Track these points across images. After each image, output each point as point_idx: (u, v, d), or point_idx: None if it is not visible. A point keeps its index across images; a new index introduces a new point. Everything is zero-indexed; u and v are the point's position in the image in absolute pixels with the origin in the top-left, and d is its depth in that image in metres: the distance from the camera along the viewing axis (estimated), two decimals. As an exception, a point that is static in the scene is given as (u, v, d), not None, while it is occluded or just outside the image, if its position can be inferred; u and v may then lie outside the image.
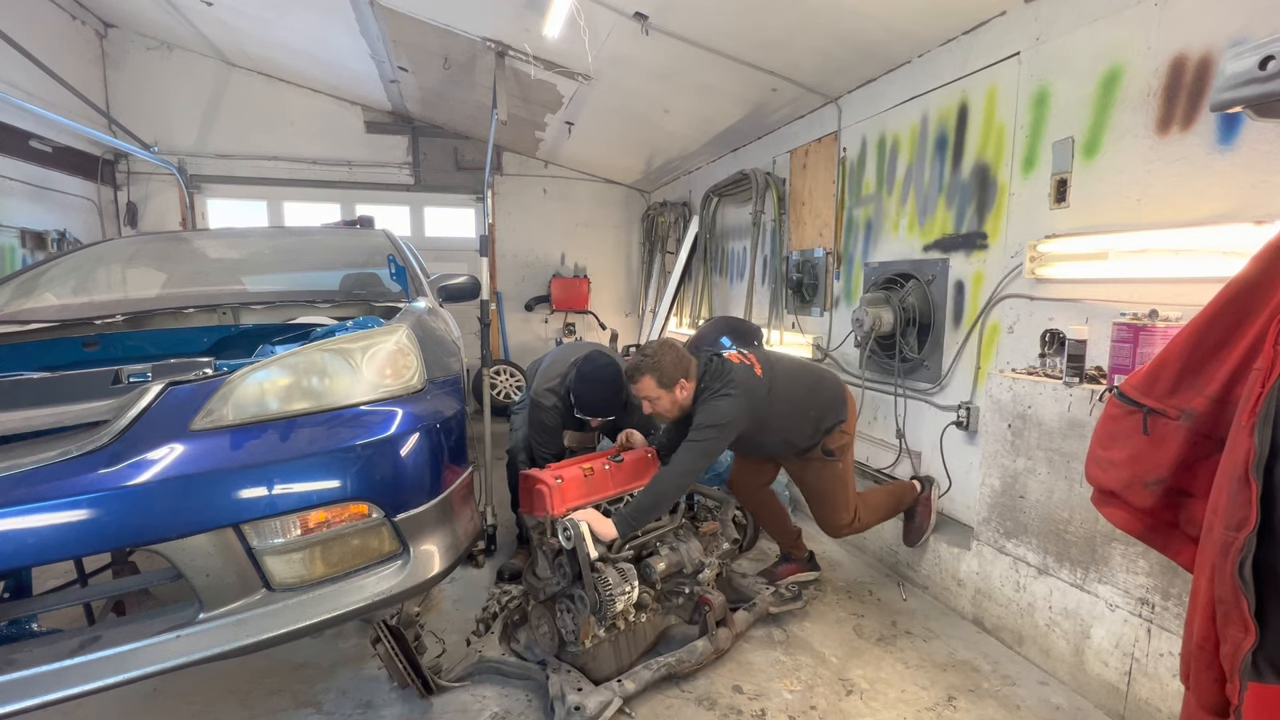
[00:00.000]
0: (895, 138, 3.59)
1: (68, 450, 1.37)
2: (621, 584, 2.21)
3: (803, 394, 2.65)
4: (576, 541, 2.20)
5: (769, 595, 2.74)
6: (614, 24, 3.88)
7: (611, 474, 2.64)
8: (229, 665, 2.08)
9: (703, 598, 2.46)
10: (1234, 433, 1.14)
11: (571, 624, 2.25)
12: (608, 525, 2.29)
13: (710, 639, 2.40)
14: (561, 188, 7.98)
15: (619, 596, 2.19)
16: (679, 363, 2.51)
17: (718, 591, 2.51)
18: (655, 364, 2.50)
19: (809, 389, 2.67)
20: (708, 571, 2.51)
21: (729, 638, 2.47)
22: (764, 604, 2.70)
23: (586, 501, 2.49)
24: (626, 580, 2.24)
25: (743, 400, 2.45)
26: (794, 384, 2.64)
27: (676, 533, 2.59)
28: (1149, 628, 2.02)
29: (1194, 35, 2.10)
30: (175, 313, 2.44)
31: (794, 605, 2.78)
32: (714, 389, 2.50)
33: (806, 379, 2.71)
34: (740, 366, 2.55)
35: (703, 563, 2.52)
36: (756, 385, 2.52)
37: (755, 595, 2.73)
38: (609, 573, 2.21)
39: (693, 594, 2.48)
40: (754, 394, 2.49)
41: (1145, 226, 2.25)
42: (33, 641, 1.42)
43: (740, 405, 2.45)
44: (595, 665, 2.25)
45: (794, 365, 2.79)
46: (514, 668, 2.32)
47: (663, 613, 2.52)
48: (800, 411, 2.63)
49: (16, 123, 5.03)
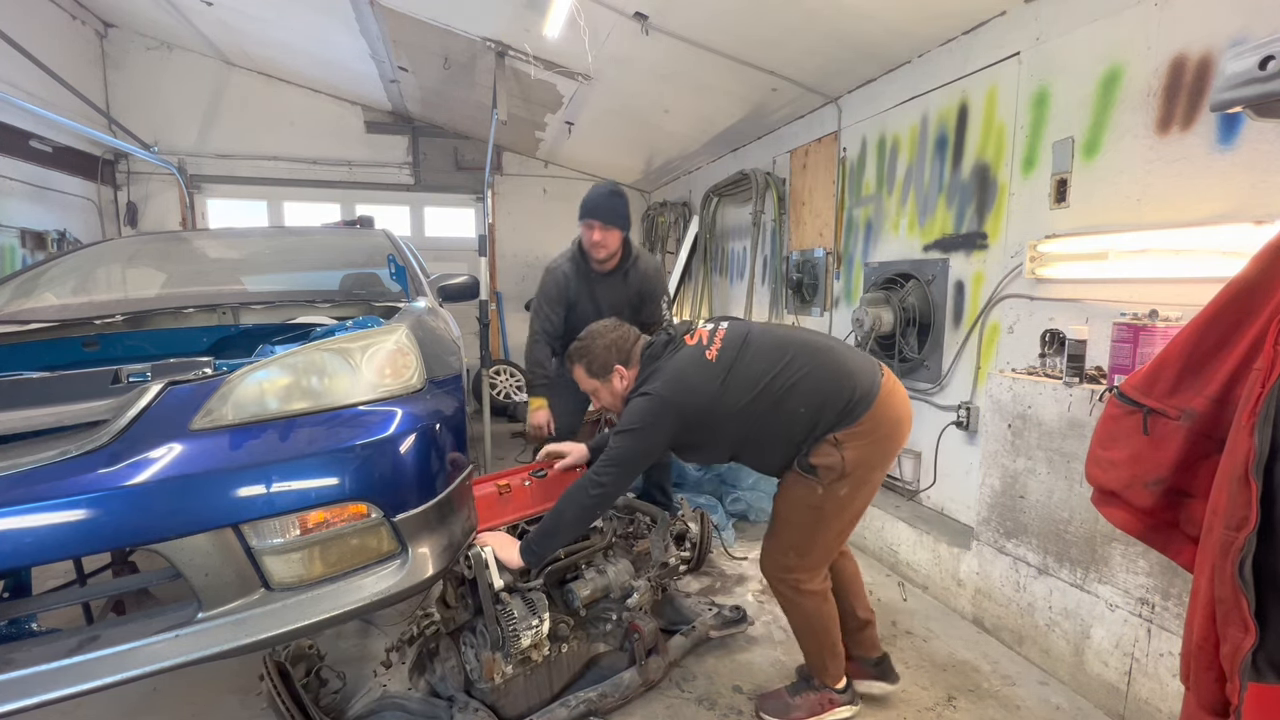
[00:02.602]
0: (895, 138, 3.59)
1: (67, 450, 1.37)
2: (529, 617, 1.97)
3: (785, 381, 1.89)
4: (477, 570, 1.96)
5: (710, 618, 2.55)
6: (614, 24, 3.88)
7: (532, 491, 2.38)
8: (229, 665, 2.08)
9: (632, 624, 2.23)
10: (1234, 433, 1.13)
11: (475, 659, 2.02)
12: (514, 552, 1.98)
13: (640, 670, 2.18)
14: (561, 188, 7.98)
15: (524, 632, 1.95)
16: (615, 346, 2.10)
17: (649, 617, 2.29)
18: (584, 349, 2.12)
19: (801, 372, 1.90)
20: (637, 596, 2.26)
21: (661, 667, 2.27)
22: (704, 628, 2.51)
23: (501, 522, 2.19)
24: (535, 613, 1.98)
25: (665, 399, 1.90)
26: (773, 365, 1.91)
27: (606, 553, 2.35)
28: (1149, 628, 2.02)
29: (1194, 35, 2.10)
30: (175, 313, 2.43)
31: (738, 629, 2.58)
32: (643, 378, 2.05)
33: (801, 357, 1.93)
34: (684, 351, 2.01)
35: (632, 586, 2.28)
36: (695, 375, 1.93)
37: (695, 618, 2.54)
38: (514, 605, 1.97)
39: (621, 620, 2.27)
40: (685, 388, 1.91)
41: (1145, 226, 2.25)
42: (31, 641, 1.42)
43: (659, 407, 1.90)
44: (508, 702, 2.03)
45: (784, 339, 2.01)
46: (418, 705, 2.06)
47: (588, 640, 2.29)
48: (777, 407, 1.89)
49: (16, 123, 5.04)
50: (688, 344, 2.02)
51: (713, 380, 1.92)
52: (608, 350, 2.10)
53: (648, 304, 3.25)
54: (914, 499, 3.44)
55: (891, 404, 1.92)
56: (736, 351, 1.96)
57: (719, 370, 1.93)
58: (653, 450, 1.98)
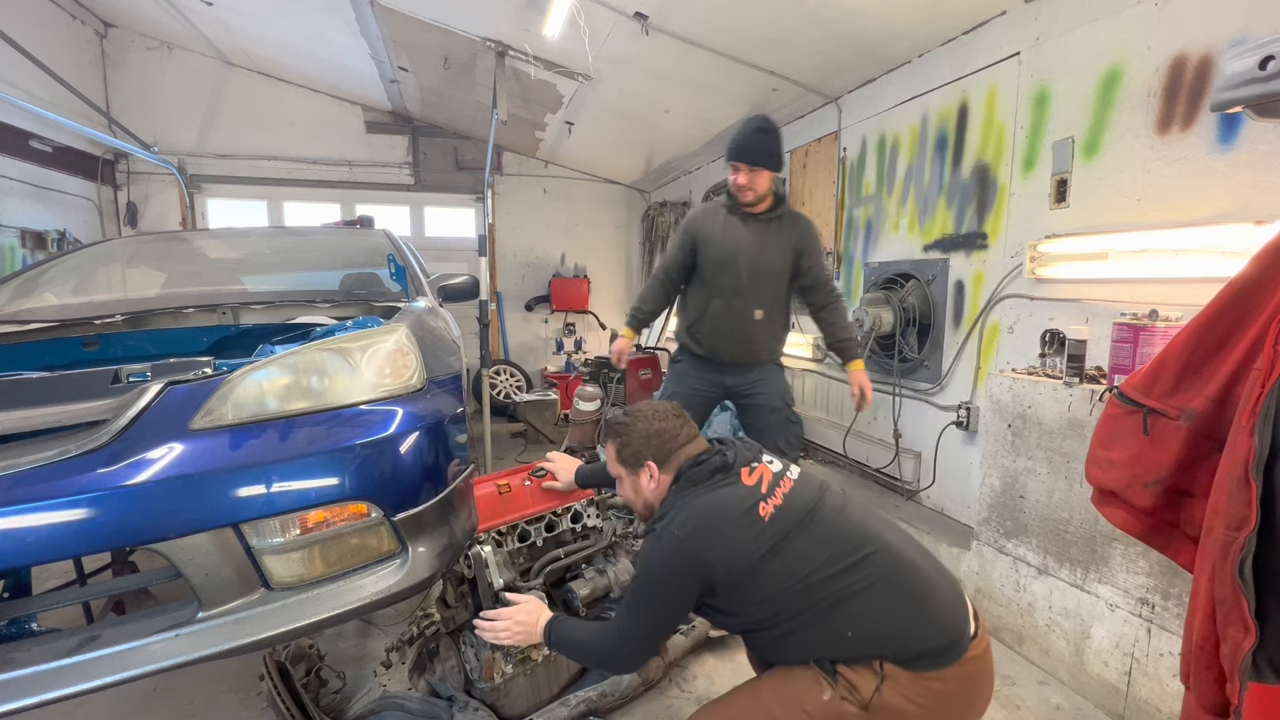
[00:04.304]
0: (895, 138, 3.59)
1: (66, 449, 1.36)
2: None
3: (846, 586, 1.41)
4: (477, 569, 1.96)
5: None
6: (614, 24, 3.88)
7: (531, 491, 2.34)
8: (229, 665, 2.08)
9: None
10: (1234, 433, 1.14)
11: (474, 659, 2.01)
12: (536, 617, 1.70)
13: (639, 669, 2.14)
14: (561, 188, 7.98)
15: None
16: (656, 439, 1.66)
17: None
18: (622, 428, 1.71)
19: (868, 581, 1.41)
20: None
21: (660, 667, 2.25)
22: (703, 628, 2.48)
23: (500, 522, 2.16)
24: None
25: (690, 550, 1.45)
26: (837, 558, 1.43)
27: (606, 553, 2.33)
28: (1149, 628, 2.02)
29: (1194, 35, 2.10)
30: (175, 312, 2.43)
31: None
32: (667, 507, 1.58)
33: (877, 562, 1.43)
34: (733, 490, 1.52)
35: None
36: (736, 531, 1.46)
37: (695, 618, 2.48)
38: None
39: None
40: (717, 541, 1.45)
41: (1145, 226, 2.25)
42: (31, 640, 1.42)
43: (681, 559, 1.46)
44: (508, 702, 2.02)
45: (861, 526, 1.50)
46: (418, 704, 2.05)
47: None
48: (821, 614, 1.42)
49: (16, 123, 5.04)
50: (743, 480, 1.55)
51: (756, 544, 1.45)
52: (646, 441, 1.67)
53: (807, 259, 2.82)
54: (914, 499, 3.44)
55: (975, 677, 1.43)
56: (799, 519, 1.49)
57: (769, 535, 1.46)
58: (667, 615, 1.54)
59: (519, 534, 2.19)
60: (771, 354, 2.95)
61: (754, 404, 2.93)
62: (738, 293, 2.81)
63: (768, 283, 2.82)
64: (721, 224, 2.83)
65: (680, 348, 3.05)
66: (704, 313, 2.88)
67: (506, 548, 2.14)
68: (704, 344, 2.91)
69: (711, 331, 2.88)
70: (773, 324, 2.88)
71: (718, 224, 2.83)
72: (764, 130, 2.69)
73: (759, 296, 2.82)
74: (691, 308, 2.95)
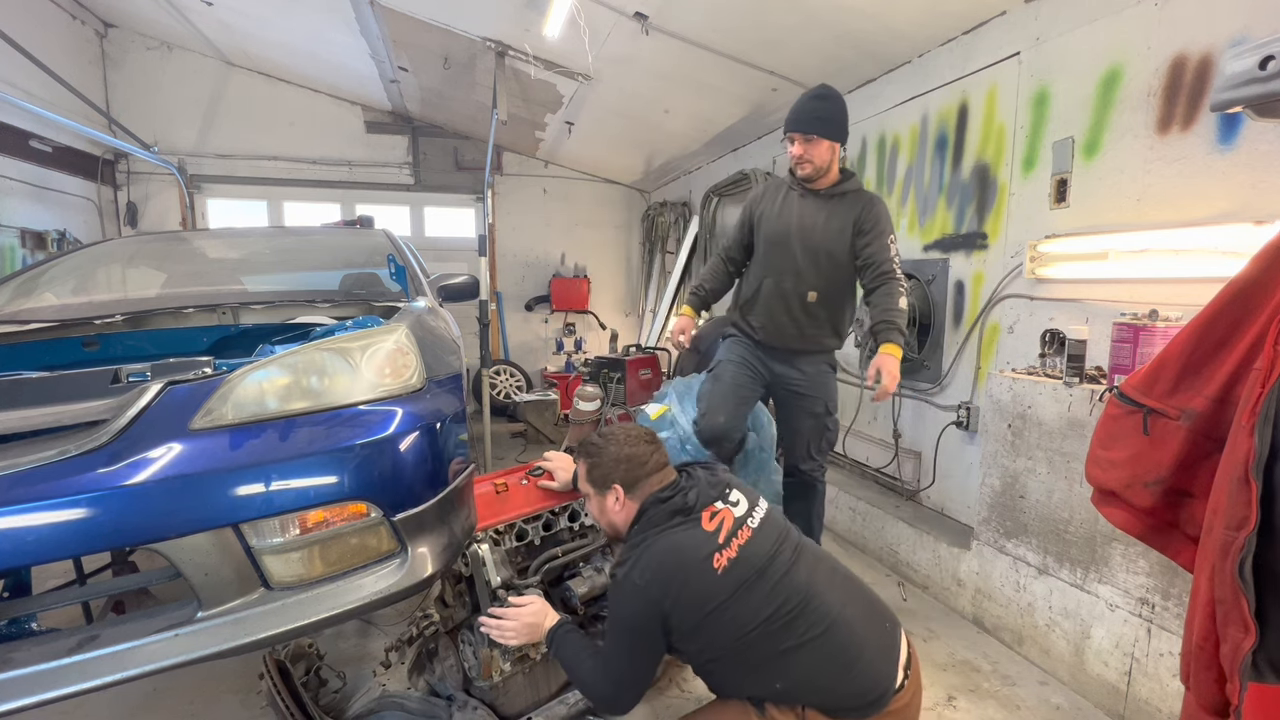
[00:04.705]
0: (895, 137, 3.59)
1: (66, 449, 1.36)
2: None
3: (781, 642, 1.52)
4: (475, 568, 1.95)
5: None
6: (614, 24, 3.88)
7: (529, 490, 2.33)
8: (229, 665, 2.08)
9: None
10: (1234, 433, 1.13)
11: (473, 658, 2.00)
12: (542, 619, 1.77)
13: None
14: (561, 188, 7.98)
15: None
16: (626, 464, 1.70)
17: None
18: (594, 448, 1.76)
19: (802, 639, 1.52)
20: None
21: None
22: None
23: (499, 520, 2.13)
24: None
25: (646, 599, 1.53)
26: (777, 614, 1.52)
27: (603, 551, 2.31)
28: (1149, 628, 2.02)
29: (1194, 35, 2.10)
30: (175, 312, 2.43)
31: None
32: (629, 549, 1.64)
33: (813, 619, 1.53)
34: (691, 534, 1.58)
35: None
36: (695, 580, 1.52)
37: None
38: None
39: None
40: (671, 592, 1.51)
41: (1145, 226, 2.25)
42: (31, 640, 1.42)
43: (639, 608, 1.55)
44: (506, 701, 2.02)
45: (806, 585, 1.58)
46: (417, 704, 2.04)
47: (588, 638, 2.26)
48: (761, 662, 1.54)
49: (16, 123, 5.04)
50: (703, 525, 1.59)
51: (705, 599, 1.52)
52: (615, 464, 1.71)
53: (864, 238, 2.55)
54: (914, 499, 3.44)
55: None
56: (747, 576, 1.54)
57: (719, 590, 1.52)
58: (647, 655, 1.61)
59: (516, 533, 2.18)
60: (821, 344, 2.72)
61: (796, 403, 2.77)
62: (790, 272, 2.64)
63: (823, 263, 2.61)
64: (780, 201, 2.68)
65: (733, 327, 2.90)
66: (756, 293, 2.74)
67: (504, 546, 2.14)
68: (754, 325, 2.76)
69: (762, 312, 2.73)
70: (828, 308, 2.66)
71: (776, 201, 2.69)
72: (820, 97, 2.52)
73: (813, 277, 2.62)
74: (746, 288, 2.81)
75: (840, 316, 2.71)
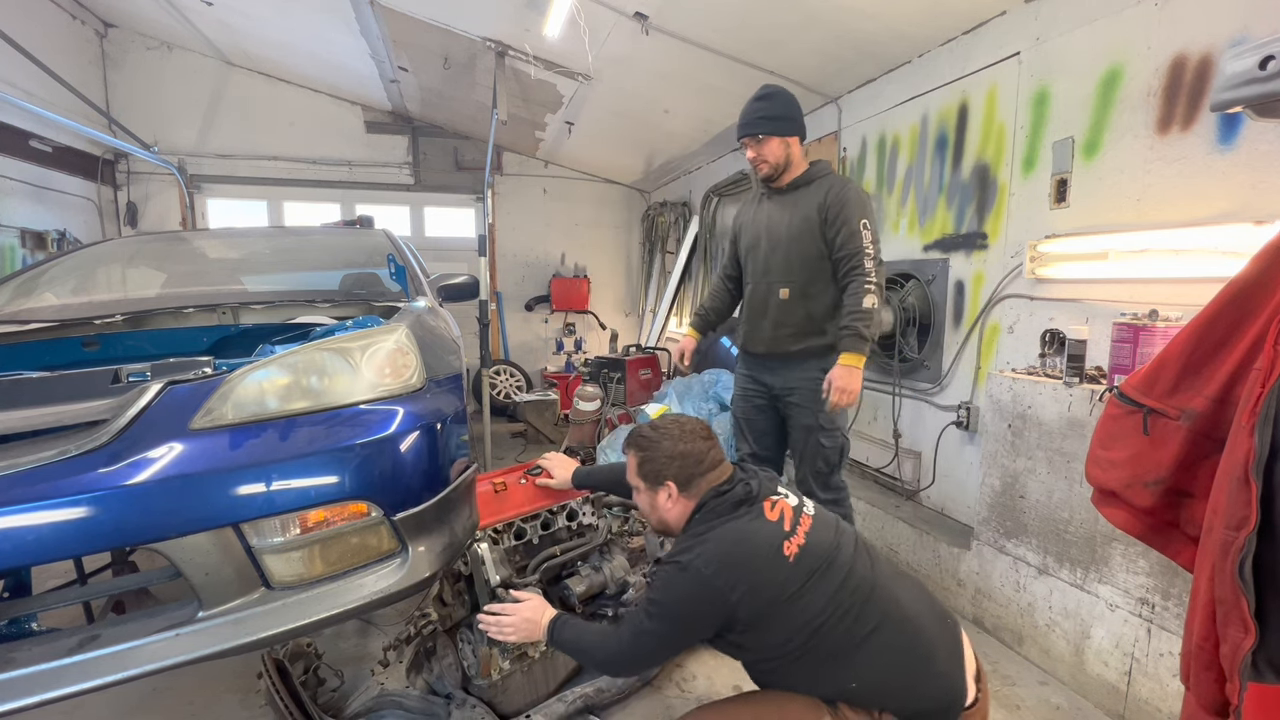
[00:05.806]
0: (895, 137, 3.59)
1: (66, 449, 1.36)
2: None
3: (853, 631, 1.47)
4: (474, 567, 1.97)
5: None
6: (614, 24, 3.88)
7: (527, 489, 2.33)
8: (229, 664, 2.08)
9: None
10: (1234, 433, 1.13)
11: (471, 656, 2.02)
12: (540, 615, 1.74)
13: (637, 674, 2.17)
14: (561, 188, 7.98)
15: None
16: (680, 460, 1.63)
17: None
18: (646, 440, 1.68)
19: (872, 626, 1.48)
20: (633, 591, 2.24)
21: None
22: None
23: (498, 519, 2.16)
24: None
25: (712, 586, 1.45)
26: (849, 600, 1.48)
27: (601, 550, 2.32)
28: (1149, 628, 2.02)
29: (1194, 35, 2.10)
30: (175, 312, 2.43)
31: None
32: (690, 538, 1.57)
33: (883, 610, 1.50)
34: (756, 525, 1.53)
35: (627, 582, 2.26)
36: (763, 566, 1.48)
37: None
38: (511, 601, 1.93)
39: (617, 616, 2.24)
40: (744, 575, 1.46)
41: (1145, 226, 2.25)
42: (31, 640, 1.42)
43: (701, 592, 1.47)
44: (505, 699, 2.03)
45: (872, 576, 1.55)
46: (416, 702, 2.05)
47: None
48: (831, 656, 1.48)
49: (16, 123, 5.04)
50: (766, 515, 1.55)
51: (781, 587, 1.46)
52: (669, 461, 1.64)
53: (831, 227, 2.44)
54: (914, 499, 3.44)
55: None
56: (819, 564, 1.51)
57: (795, 578, 1.47)
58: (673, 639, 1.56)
59: (515, 531, 2.19)
60: (805, 344, 2.54)
61: (790, 417, 2.64)
62: (762, 273, 2.60)
63: (793, 258, 2.52)
64: (755, 208, 2.70)
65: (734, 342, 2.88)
66: (743, 303, 2.75)
67: (503, 545, 2.14)
68: (742, 334, 2.76)
69: (745, 319, 2.72)
70: (805, 305, 2.52)
71: (750, 209, 2.73)
72: (761, 98, 2.52)
73: (783, 274, 2.54)
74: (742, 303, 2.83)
75: (820, 312, 2.54)
